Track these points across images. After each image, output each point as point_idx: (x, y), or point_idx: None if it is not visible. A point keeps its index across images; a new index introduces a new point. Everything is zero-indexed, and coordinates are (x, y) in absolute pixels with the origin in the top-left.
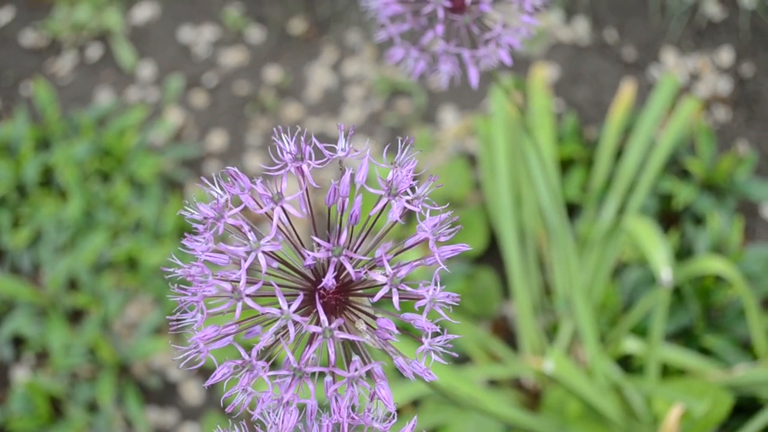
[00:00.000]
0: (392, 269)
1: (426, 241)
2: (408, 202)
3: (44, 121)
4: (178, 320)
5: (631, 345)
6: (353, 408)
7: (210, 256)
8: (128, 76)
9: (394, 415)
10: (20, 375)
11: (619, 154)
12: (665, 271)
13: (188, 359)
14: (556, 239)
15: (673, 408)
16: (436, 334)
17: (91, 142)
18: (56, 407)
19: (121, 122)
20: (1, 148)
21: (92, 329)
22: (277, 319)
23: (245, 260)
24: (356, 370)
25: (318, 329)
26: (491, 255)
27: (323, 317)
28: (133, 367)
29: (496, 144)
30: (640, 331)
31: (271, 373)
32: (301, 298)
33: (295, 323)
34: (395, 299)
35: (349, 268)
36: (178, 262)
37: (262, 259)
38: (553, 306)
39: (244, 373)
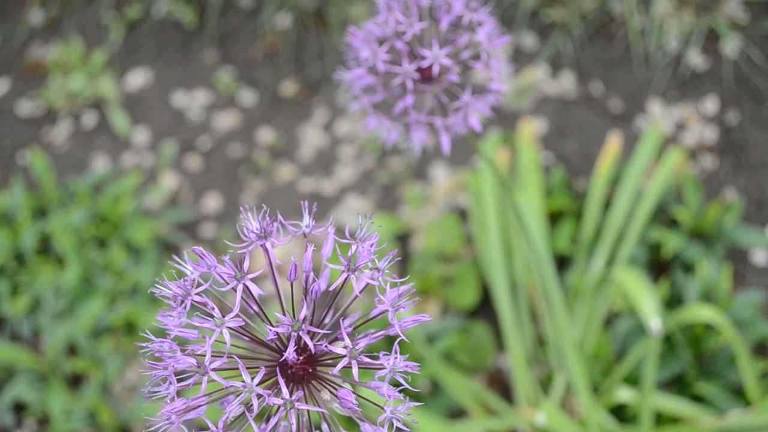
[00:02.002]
0: (352, 342)
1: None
2: (370, 276)
3: (41, 189)
4: (151, 392)
5: (624, 394)
6: None
7: (181, 332)
8: (123, 142)
9: None
10: None
11: (607, 205)
12: (655, 321)
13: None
14: (545, 293)
15: None
16: (398, 402)
17: (87, 209)
18: None
19: (116, 188)
20: None
21: (92, 393)
22: (241, 392)
23: (209, 337)
24: None
25: (279, 401)
26: (484, 308)
27: (284, 390)
28: (133, 429)
29: (486, 199)
30: (633, 380)
31: None
32: (263, 371)
33: (259, 396)
34: (354, 371)
35: (308, 341)
36: (152, 337)
37: (227, 335)
38: (547, 357)
39: None
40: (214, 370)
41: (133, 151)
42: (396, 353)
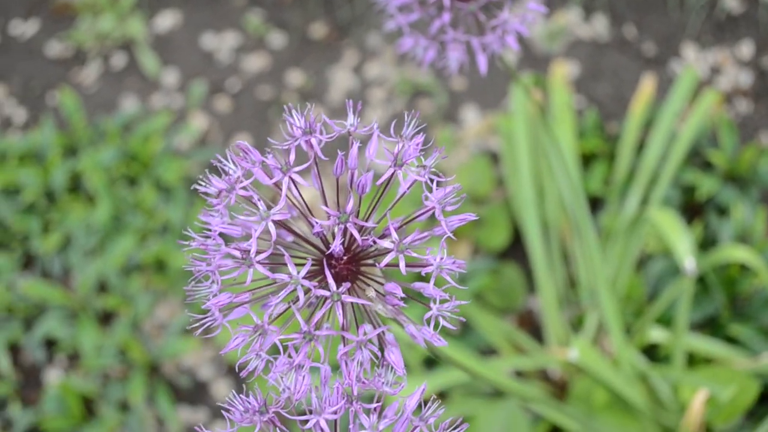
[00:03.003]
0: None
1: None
2: (416, 173)
3: (71, 128)
4: (193, 290)
5: (657, 334)
6: (365, 374)
7: (224, 228)
8: (152, 84)
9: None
10: (53, 376)
11: (640, 147)
12: (689, 261)
13: (204, 325)
14: (579, 232)
15: (698, 393)
16: (444, 301)
17: (117, 148)
18: (89, 407)
19: (146, 128)
20: (30, 156)
21: (123, 330)
22: (287, 284)
23: (256, 229)
24: (365, 333)
25: (326, 293)
26: (515, 250)
27: (331, 281)
28: (163, 366)
29: (518, 140)
30: (666, 321)
31: (283, 336)
32: (309, 263)
33: (305, 289)
34: (402, 265)
35: (355, 234)
36: (194, 236)
37: (272, 228)
38: (578, 298)
39: (257, 338)
40: (259, 262)
41: (162, 92)
42: (443, 250)
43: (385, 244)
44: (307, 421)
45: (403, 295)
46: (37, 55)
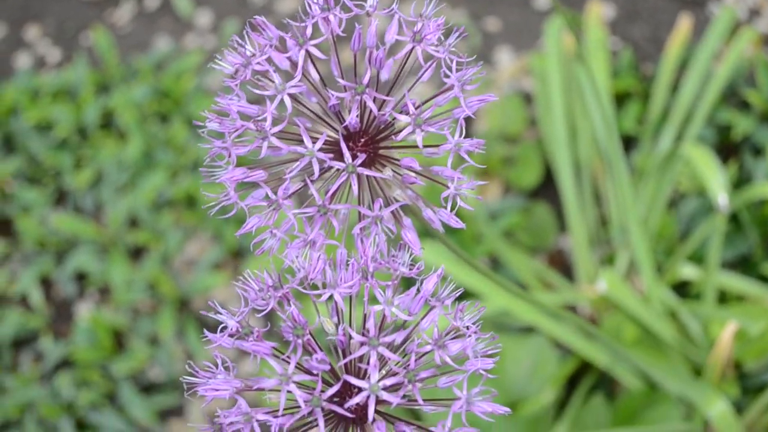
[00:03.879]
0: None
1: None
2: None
3: (104, 66)
4: (210, 170)
5: (688, 271)
6: (381, 255)
7: (241, 107)
8: (186, 24)
9: (421, 261)
10: (83, 310)
11: (675, 88)
12: (722, 197)
13: (220, 205)
14: (611, 169)
15: (727, 325)
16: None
17: (150, 85)
18: (119, 340)
19: (178, 66)
20: (63, 93)
21: (153, 265)
22: (302, 157)
23: (270, 103)
24: (381, 208)
25: (341, 164)
26: (547, 190)
27: (346, 153)
28: (193, 302)
29: (551, 79)
30: (698, 259)
31: (297, 211)
32: (324, 136)
33: (320, 162)
34: (419, 139)
35: (372, 106)
36: (211, 117)
37: (288, 100)
38: (609, 237)
39: (271, 214)
40: (274, 135)
41: (195, 32)
42: (461, 130)
43: (402, 118)
44: (321, 295)
45: (419, 169)
46: None
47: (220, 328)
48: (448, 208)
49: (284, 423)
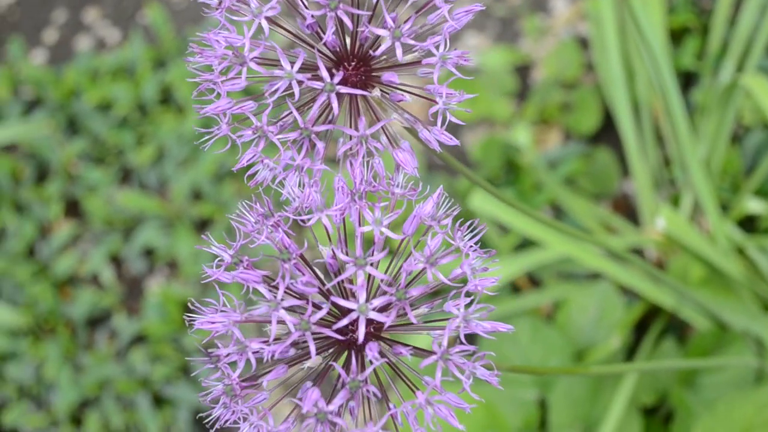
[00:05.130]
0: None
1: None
2: None
3: (159, 41)
4: (198, 101)
5: (754, 205)
6: (376, 178)
7: (225, 37)
8: None
9: (418, 182)
10: (154, 285)
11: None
12: None
13: (213, 138)
14: (668, 110)
15: None
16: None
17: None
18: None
19: None
20: (121, 71)
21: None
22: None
23: (248, 29)
24: (366, 128)
25: (319, 84)
26: (608, 134)
27: (324, 72)
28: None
29: (605, 20)
30: (765, 194)
31: (281, 136)
32: (302, 56)
33: (299, 83)
34: (398, 52)
35: (346, 21)
36: (196, 49)
37: (265, 24)
38: (673, 177)
39: (257, 141)
40: (253, 60)
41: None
42: (445, 41)
43: (380, 32)
44: (308, 220)
45: (398, 83)
46: None
47: (215, 262)
48: (438, 123)
49: (276, 350)
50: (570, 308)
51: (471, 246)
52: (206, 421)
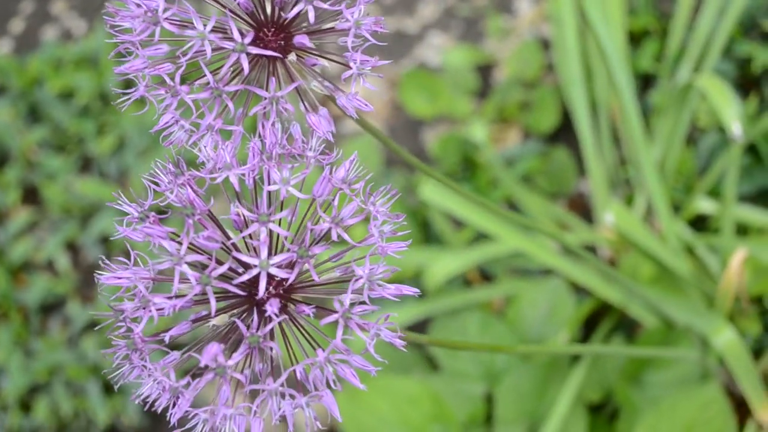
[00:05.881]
0: None
1: None
2: None
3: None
4: (118, 59)
5: (705, 205)
6: (291, 141)
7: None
8: None
9: (332, 148)
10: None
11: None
12: (736, 125)
13: (129, 101)
14: (622, 110)
15: (736, 252)
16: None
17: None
18: None
19: None
20: (85, 61)
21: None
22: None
23: None
24: (277, 89)
25: (230, 44)
26: (566, 134)
27: (235, 32)
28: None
29: (565, 19)
30: (717, 195)
31: (192, 96)
32: (214, 18)
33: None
34: (311, 15)
35: None
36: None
37: None
38: (628, 176)
39: (168, 99)
40: (167, 20)
41: None
42: (359, 5)
43: None
44: (216, 179)
45: (310, 46)
46: None
47: (125, 221)
48: (352, 89)
49: (177, 304)
50: (521, 303)
51: (381, 211)
52: (110, 377)
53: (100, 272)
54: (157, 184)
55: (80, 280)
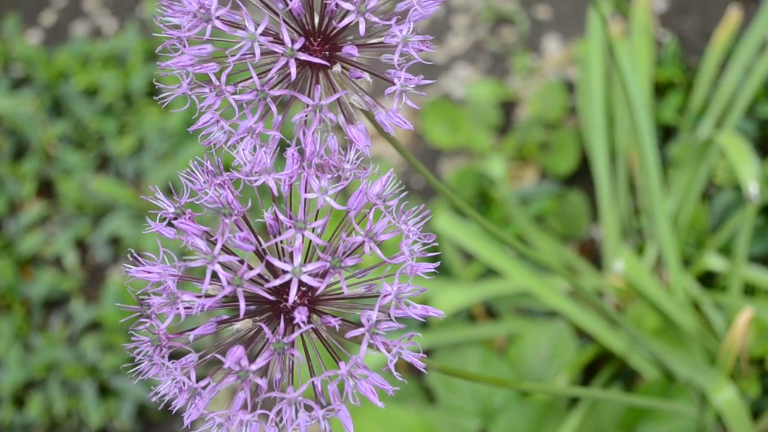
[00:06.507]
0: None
1: None
2: None
3: (154, 35)
4: (165, 54)
5: (715, 262)
6: (327, 152)
7: None
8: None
9: (369, 161)
10: (116, 275)
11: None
12: (753, 185)
13: (171, 97)
14: (643, 159)
15: (742, 312)
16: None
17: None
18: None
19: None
20: (112, 59)
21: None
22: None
23: None
24: (321, 98)
25: (280, 48)
26: (583, 178)
27: (286, 38)
28: None
29: (592, 64)
30: (727, 253)
31: (237, 96)
32: (266, 20)
33: (261, 45)
34: (361, 27)
35: None
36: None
37: None
38: (641, 225)
39: (211, 98)
40: (218, 18)
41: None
42: (409, 22)
43: (346, 5)
44: (255, 181)
45: (357, 55)
46: None
47: (159, 215)
48: (394, 105)
49: (206, 303)
50: (523, 343)
51: (412, 230)
52: (129, 372)
53: (128, 266)
54: (192, 182)
55: (86, 279)
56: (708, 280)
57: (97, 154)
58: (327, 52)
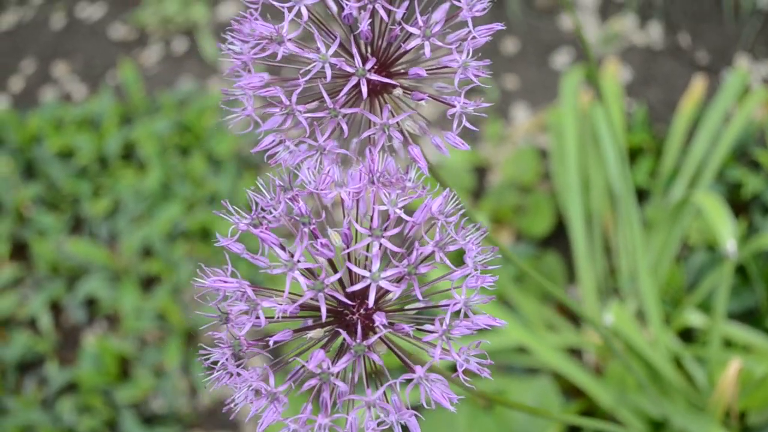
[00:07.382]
0: (427, 26)
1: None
2: None
3: (128, 98)
4: (229, 84)
5: (694, 318)
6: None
7: (260, 25)
8: (211, 67)
9: (428, 180)
10: (91, 339)
11: (687, 148)
12: (731, 243)
13: (237, 119)
14: (622, 217)
15: (732, 362)
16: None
17: (172, 119)
18: (124, 368)
19: (202, 103)
20: (86, 122)
21: (163, 295)
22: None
23: (289, 12)
24: (389, 118)
25: (351, 68)
26: (558, 240)
27: (357, 59)
28: (201, 336)
29: (566, 130)
30: (704, 310)
31: (308, 114)
32: (338, 42)
33: (332, 66)
34: (426, 50)
35: (382, 13)
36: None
37: (304, 10)
38: (617, 285)
39: (284, 118)
40: (290, 40)
41: (219, 76)
42: (468, 53)
43: (412, 30)
44: (329, 194)
45: (425, 75)
46: (101, 37)
47: (230, 230)
48: (454, 127)
49: (287, 309)
50: (508, 399)
51: (473, 245)
52: (205, 381)
53: (197, 279)
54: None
55: (60, 341)
56: (686, 336)
57: (71, 215)
58: (384, 75)
